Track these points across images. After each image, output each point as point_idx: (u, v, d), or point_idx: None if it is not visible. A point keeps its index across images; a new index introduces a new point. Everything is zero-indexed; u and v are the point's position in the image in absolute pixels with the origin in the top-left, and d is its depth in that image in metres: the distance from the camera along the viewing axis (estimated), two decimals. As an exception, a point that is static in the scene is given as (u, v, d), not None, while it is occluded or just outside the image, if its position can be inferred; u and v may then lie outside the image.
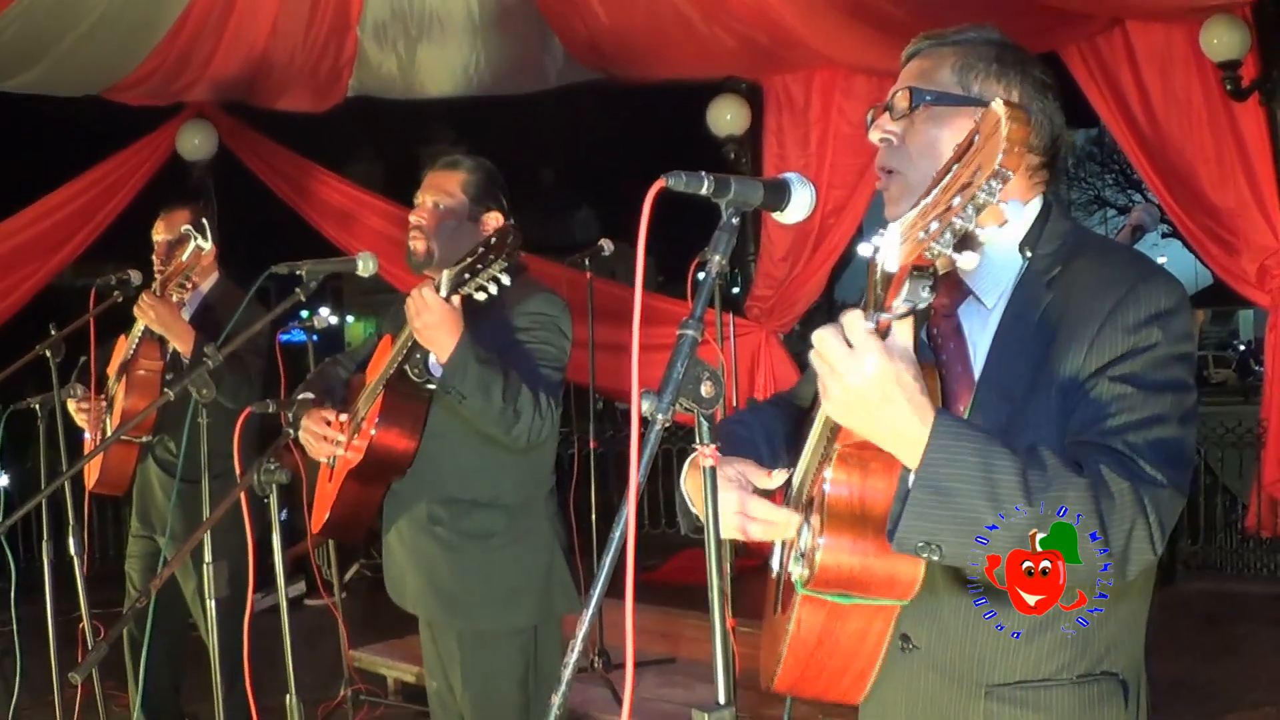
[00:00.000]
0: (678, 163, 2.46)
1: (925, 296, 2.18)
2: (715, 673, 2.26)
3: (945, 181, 2.11)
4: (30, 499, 5.27)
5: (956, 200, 2.05)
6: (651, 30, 10.86)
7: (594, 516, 8.31)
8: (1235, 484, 10.85)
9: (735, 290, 12.27)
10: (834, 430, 2.51)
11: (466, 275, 4.30)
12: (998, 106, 2.02)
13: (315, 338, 9.45)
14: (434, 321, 4.35)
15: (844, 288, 15.73)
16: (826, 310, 12.02)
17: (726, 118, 11.89)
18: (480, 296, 4.35)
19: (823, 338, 2.27)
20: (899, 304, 2.19)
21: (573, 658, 2.15)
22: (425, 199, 4.93)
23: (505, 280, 4.30)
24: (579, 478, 8.67)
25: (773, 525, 2.78)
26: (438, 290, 4.37)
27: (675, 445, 12.87)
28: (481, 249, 4.28)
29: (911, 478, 2.30)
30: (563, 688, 2.15)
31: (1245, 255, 9.70)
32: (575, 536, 5.58)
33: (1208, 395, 13.40)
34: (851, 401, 2.27)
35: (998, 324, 2.66)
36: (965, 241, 2.07)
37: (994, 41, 2.81)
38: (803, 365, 11.45)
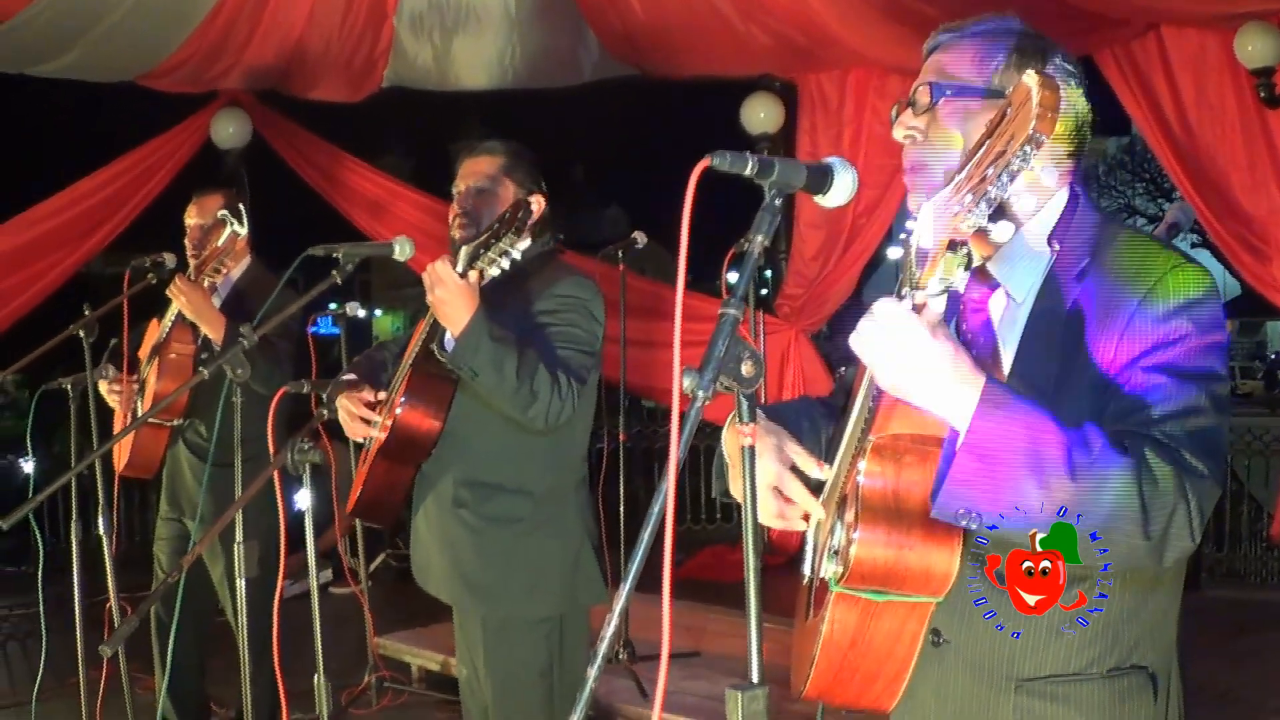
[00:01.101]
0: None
1: (960, 275, 2.19)
2: (750, 652, 2.26)
3: (979, 156, 2.13)
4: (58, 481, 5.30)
5: (990, 170, 2.06)
6: (687, 25, 10.84)
7: (621, 510, 8.31)
8: (1261, 493, 10.86)
9: (764, 292, 12.27)
10: (868, 423, 2.52)
11: (481, 250, 4.33)
12: (1029, 78, 2.04)
13: (339, 330, 9.50)
14: (448, 296, 4.35)
15: (872, 289, 15.71)
16: (856, 310, 12.02)
17: (760, 115, 11.84)
18: (494, 271, 4.38)
19: (866, 323, 2.28)
20: (934, 283, 2.21)
21: (609, 631, 2.16)
22: (464, 184, 4.93)
23: (516, 254, 4.33)
24: (607, 472, 8.69)
25: (799, 511, 2.82)
26: (455, 267, 4.38)
27: (703, 442, 12.95)
28: (496, 224, 4.31)
29: (958, 443, 2.31)
30: (599, 660, 2.15)
31: (1276, 263, 9.64)
32: (602, 530, 5.57)
33: (1236, 408, 13.38)
34: (898, 379, 2.29)
35: (1027, 317, 2.66)
36: (1000, 212, 2.09)
37: (1014, 31, 2.81)
38: (832, 366, 11.43)
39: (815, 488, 2.88)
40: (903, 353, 2.25)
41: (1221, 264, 11.66)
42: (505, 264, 4.35)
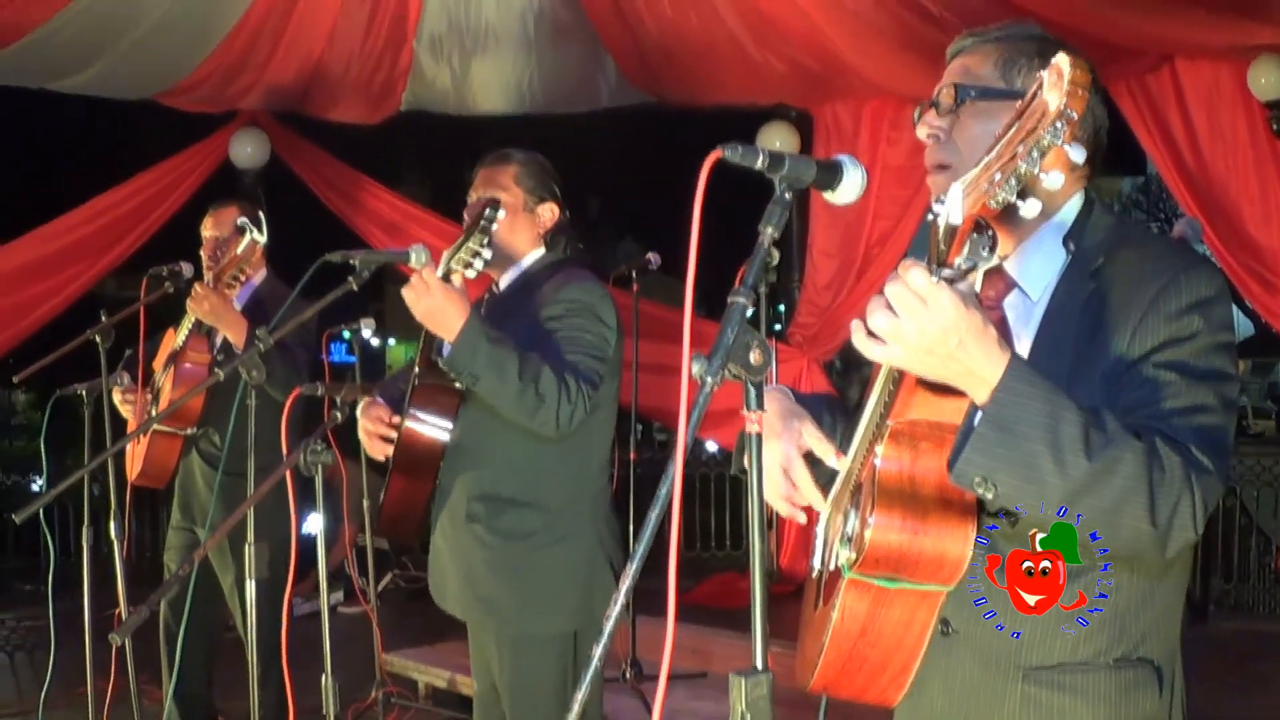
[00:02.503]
0: (724, 189, 2.51)
1: (985, 256, 2.23)
2: (754, 639, 2.29)
3: (1009, 135, 2.15)
4: (71, 496, 5.32)
5: (1021, 147, 2.09)
6: (704, 52, 10.87)
7: (631, 531, 8.31)
8: (1270, 524, 10.85)
9: (777, 327, 12.30)
10: (886, 408, 2.55)
11: (455, 252, 4.35)
12: (1061, 59, 2.07)
13: (354, 359, 9.54)
14: (435, 305, 4.33)
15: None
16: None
17: (775, 145, 11.73)
18: (470, 274, 4.37)
19: (893, 292, 2.29)
20: (961, 262, 2.24)
21: (615, 610, 2.18)
22: (479, 194, 4.90)
23: (487, 255, 4.34)
24: (616, 497, 8.70)
25: (802, 498, 2.90)
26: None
27: (714, 471, 12.98)
28: (467, 225, 4.34)
29: (979, 415, 2.35)
30: (604, 639, 2.19)
31: (1287, 294, 9.70)
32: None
33: (1246, 445, 13.38)
34: (924, 351, 2.31)
35: (1042, 315, 2.70)
36: (1028, 189, 2.12)
37: (1035, 36, 2.86)
38: (844, 396, 11.40)
39: (827, 480, 2.91)
40: (934, 319, 2.26)
41: (1234, 302, 11.64)
42: (478, 265, 4.34)
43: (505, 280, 4.81)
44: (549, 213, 4.90)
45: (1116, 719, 2.66)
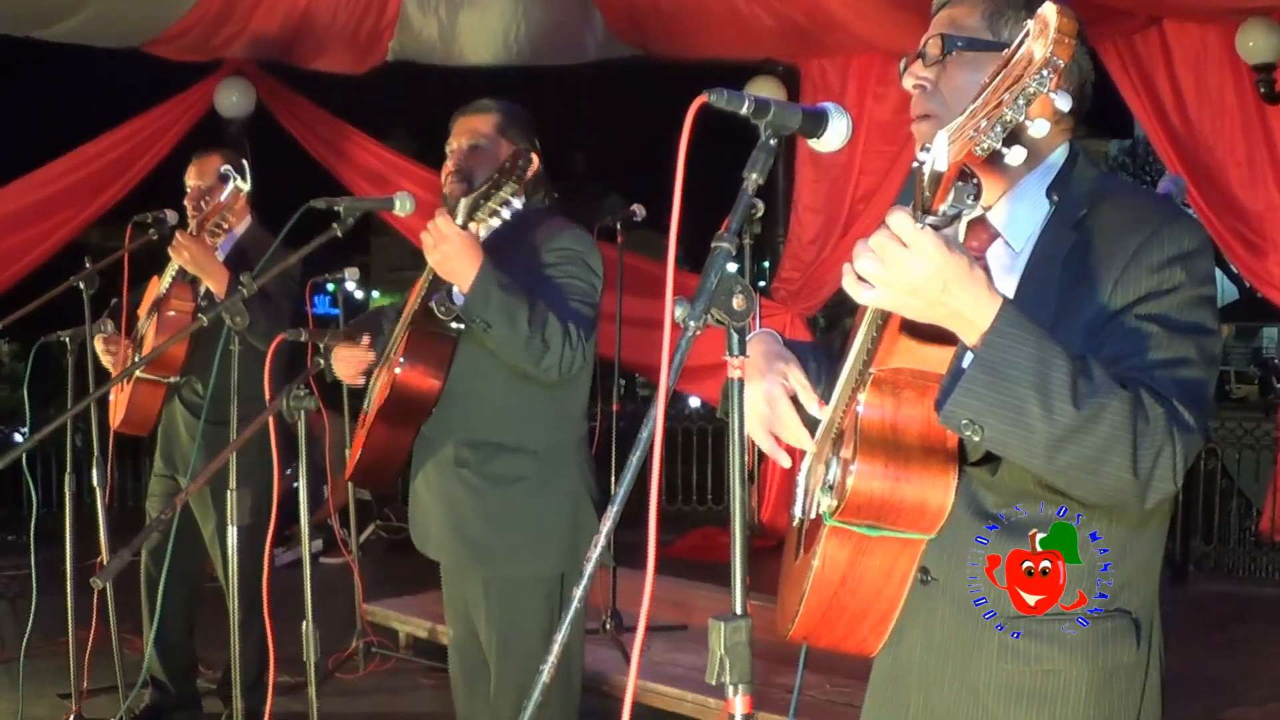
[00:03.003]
0: (712, 141, 2.50)
1: (970, 204, 2.23)
2: (733, 584, 2.29)
3: (995, 83, 2.15)
4: (54, 445, 5.32)
5: (1007, 95, 2.09)
6: (691, 5, 10.86)
7: (612, 483, 8.31)
8: (1251, 488, 10.87)
9: (762, 283, 12.30)
10: (869, 355, 2.55)
11: (481, 201, 4.32)
12: (1048, 8, 2.07)
13: (338, 311, 9.53)
14: (453, 251, 4.33)
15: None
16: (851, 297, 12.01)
17: (762, 99, 11.81)
18: (495, 223, 4.37)
19: (878, 236, 2.29)
20: (946, 209, 2.24)
21: (595, 553, 2.19)
22: (459, 142, 4.91)
23: (518, 204, 4.32)
24: (599, 447, 8.71)
25: (787, 433, 2.90)
26: (454, 219, 4.37)
27: (695, 425, 13.00)
28: (495, 174, 4.30)
29: (968, 356, 2.35)
30: (584, 581, 2.19)
31: (1272, 258, 9.70)
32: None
33: (1228, 409, 13.40)
34: (908, 294, 2.30)
35: (1025, 265, 2.70)
36: (1014, 137, 2.12)
37: None
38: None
39: (810, 429, 2.92)
40: (917, 263, 2.25)
41: (1218, 266, 11.67)
42: (506, 214, 4.33)
43: (485, 229, 4.81)
44: (530, 162, 4.89)
45: (1093, 669, 2.67)
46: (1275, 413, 10.97)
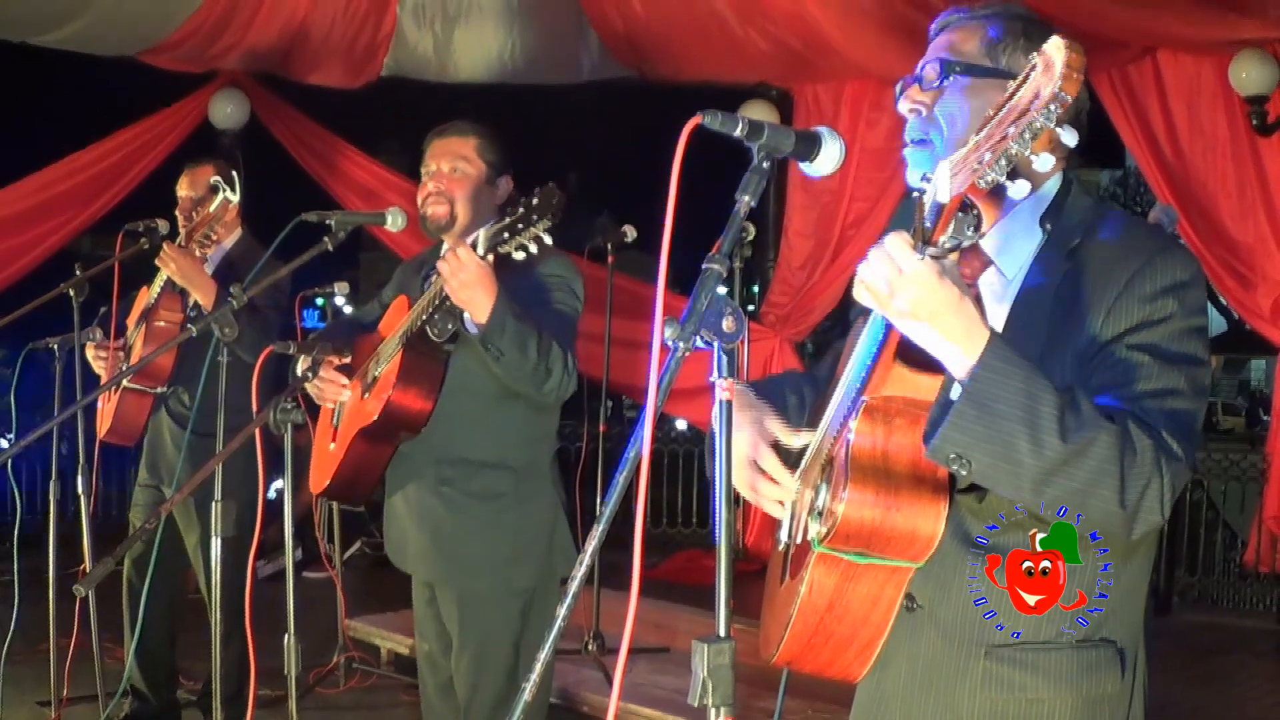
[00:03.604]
0: (702, 167, 2.50)
1: (970, 235, 2.24)
2: (717, 606, 2.29)
3: (1000, 115, 2.15)
4: (40, 455, 5.31)
5: (1012, 129, 2.09)
6: (687, 27, 10.88)
7: (597, 503, 8.30)
8: (1236, 519, 10.88)
9: (751, 308, 12.31)
10: (863, 383, 2.56)
11: (506, 235, 4.30)
12: (1053, 42, 2.07)
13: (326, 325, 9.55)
14: (471, 280, 4.35)
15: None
16: (840, 321, 12.03)
17: (755, 120, 11.81)
18: (519, 256, 4.35)
19: (873, 263, 2.31)
20: (945, 240, 2.25)
21: (580, 571, 2.20)
22: (440, 165, 4.95)
23: (548, 240, 4.31)
24: (585, 470, 8.72)
25: (773, 485, 2.87)
26: (475, 249, 4.38)
27: (682, 448, 12.99)
28: (523, 209, 4.28)
29: (956, 389, 2.36)
30: (568, 600, 2.20)
31: (1261, 290, 9.71)
32: (579, 525, 5.63)
33: (1214, 441, 13.41)
34: (898, 315, 2.33)
35: (1017, 293, 2.70)
36: (1017, 171, 2.12)
37: (1021, 16, 2.86)
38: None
39: (796, 458, 2.91)
40: (907, 289, 2.27)
41: (1207, 298, 11.67)
42: (533, 248, 4.32)
43: (517, 255, 4.82)
44: (506, 185, 5.01)
45: (1077, 698, 2.67)
46: (1261, 445, 10.94)
